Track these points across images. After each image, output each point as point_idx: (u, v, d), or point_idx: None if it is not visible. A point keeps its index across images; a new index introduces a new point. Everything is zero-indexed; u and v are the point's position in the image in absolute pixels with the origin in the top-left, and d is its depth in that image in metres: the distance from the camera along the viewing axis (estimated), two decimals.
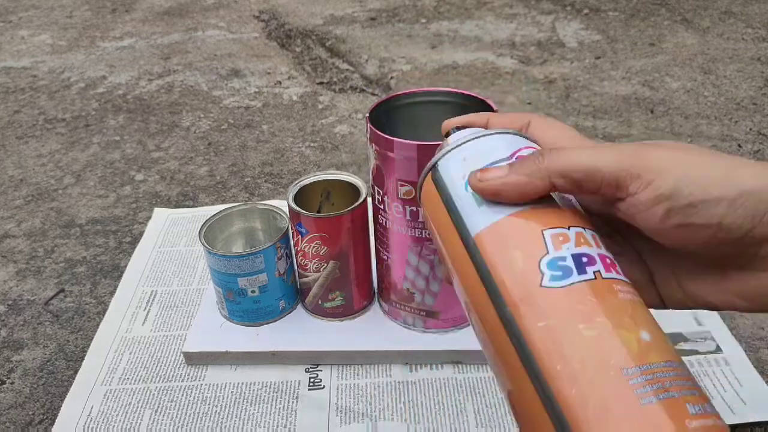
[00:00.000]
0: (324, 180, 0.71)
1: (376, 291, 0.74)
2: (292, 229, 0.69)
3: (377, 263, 0.70)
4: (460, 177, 0.37)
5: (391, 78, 1.46)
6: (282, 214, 0.72)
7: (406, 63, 1.54)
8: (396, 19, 1.84)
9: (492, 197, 0.35)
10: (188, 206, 1.02)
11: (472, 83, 1.41)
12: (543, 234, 0.33)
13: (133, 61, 1.61)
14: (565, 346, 0.29)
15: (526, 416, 0.30)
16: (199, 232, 0.70)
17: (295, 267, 0.72)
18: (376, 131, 0.59)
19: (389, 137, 0.58)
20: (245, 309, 0.71)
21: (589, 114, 1.26)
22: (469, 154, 0.37)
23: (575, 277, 0.31)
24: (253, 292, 0.69)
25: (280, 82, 1.46)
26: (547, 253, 0.32)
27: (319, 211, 0.71)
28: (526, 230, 0.33)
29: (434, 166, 0.38)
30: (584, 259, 0.32)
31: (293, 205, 0.67)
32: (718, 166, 0.32)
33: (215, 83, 1.47)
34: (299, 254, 0.69)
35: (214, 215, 0.73)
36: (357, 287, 0.71)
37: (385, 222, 0.64)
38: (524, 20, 1.78)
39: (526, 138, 0.39)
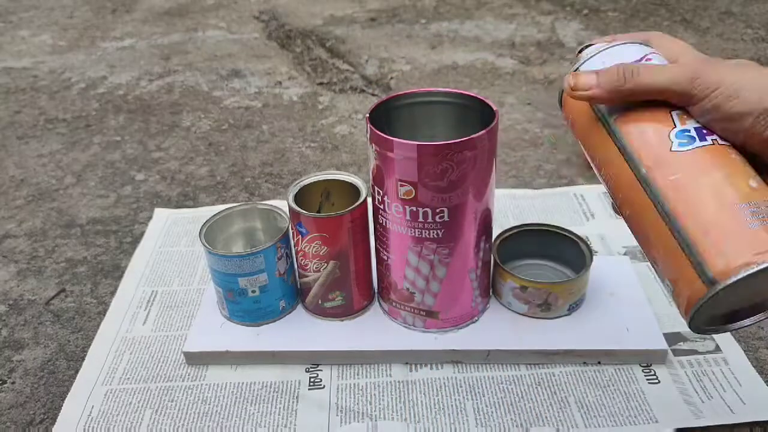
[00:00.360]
0: (324, 180, 0.71)
1: (376, 291, 0.75)
2: (292, 229, 0.69)
3: (377, 263, 0.71)
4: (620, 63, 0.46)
5: (391, 78, 1.46)
6: (282, 214, 0.73)
7: (406, 63, 1.54)
8: (396, 19, 1.84)
9: (588, 101, 0.47)
10: (188, 206, 1.02)
11: (471, 83, 1.41)
12: (671, 113, 0.44)
13: (134, 62, 1.62)
14: (690, 191, 0.40)
15: (663, 254, 0.42)
16: (200, 232, 0.70)
17: (296, 267, 0.72)
18: (376, 131, 0.59)
19: (389, 137, 0.59)
20: (245, 309, 0.71)
21: None
22: (607, 60, 0.47)
23: (698, 143, 0.42)
24: (253, 292, 0.69)
25: (280, 83, 1.47)
26: (675, 126, 0.43)
27: (319, 211, 0.72)
28: (656, 111, 0.44)
29: (577, 70, 0.49)
30: (704, 131, 0.42)
31: (293, 205, 0.67)
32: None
33: (215, 83, 1.47)
34: (299, 254, 0.69)
35: (215, 215, 0.73)
36: (357, 287, 0.71)
37: (385, 222, 0.64)
38: (524, 20, 1.78)
39: (651, 47, 0.48)
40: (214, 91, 1.44)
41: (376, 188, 0.63)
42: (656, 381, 0.66)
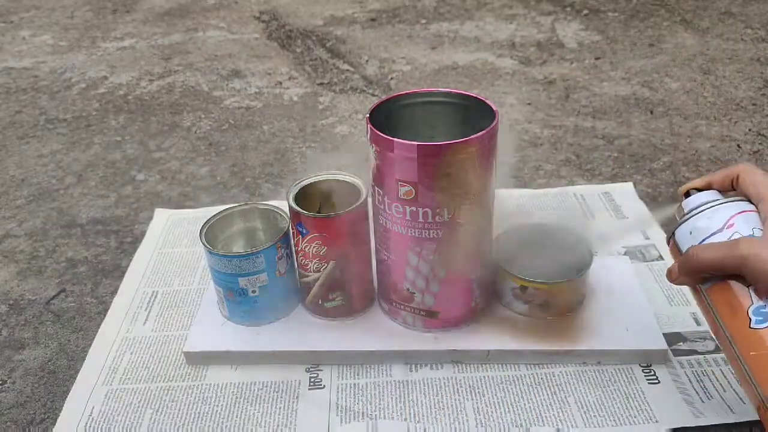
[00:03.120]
0: (324, 180, 0.71)
1: (376, 291, 0.75)
2: (292, 229, 0.69)
3: (377, 263, 0.71)
4: (689, 247, 0.53)
5: (392, 78, 1.46)
6: (282, 214, 0.73)
7: (407, 64, 1.54)
8: (396, 19, 1.84)
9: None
10: (189, 206, 1.02)
11: (471, 84, 1.42)
12: (749, 289, 0.48)
13: (134, 62, 1.62)
14: (764, 368, 0.46)
15: (749, 395, 0.49)
16: (200, 232, 0.70)
17: (296, 267, 0.72)
18: (376, 131, 0.60)
19: (389, 137, 0.59)
20: (245, 309, 0.71)
21: (588, 114, 1.27)
22: (695, 228, 0.53)
23: None
24: (253, 292, 0.69)
25: (280, 83, 1.47)
26: (752, 303, 0.48)
27: (319, 211, 0.72)
28: (737, 287, 0.49)
29: (673, 234, 0.56)
30: None
31: (293, 205, 0.67)
32: None
33: (216, 84, 1.48)
34: (299, 254, 0.69)
35: (215, 215, 0.73)
36: (357, 287, 0.71)
37: (385, 222, 0.64)
38: (524, 21, 1.78)
39: (737, 201, 0.53)
40: (215, 91, 1.44)
41: (376, 188, 0.64)
42: (656, 381, 0.66)
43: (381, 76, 1.48)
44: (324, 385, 0.67)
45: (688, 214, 0.54)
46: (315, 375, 0.69)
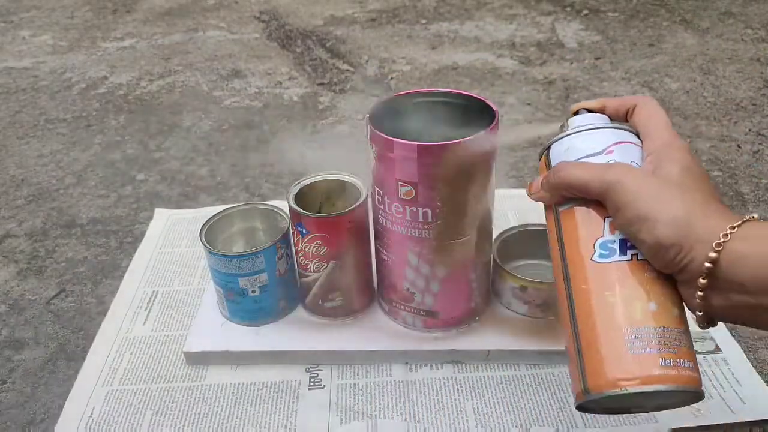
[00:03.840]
0: (324, 180, 0.71)
1: (376, 291, 0.75)
2: (292, 229, 0.69)
3: (377, 263, 0.71)
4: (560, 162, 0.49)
5: (392, 78, 1.46)
6: (282, 214, 0.73)
7: (407, 63, 1.54)
8: (396, 20, 1.84)
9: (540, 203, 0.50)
10: (189, 206, 1.02)
11: (472, 84, 1.42)
12: (604, 220, 0.45)
13: (134, 62, 1.62)
14: (593, 305, 0.43)
15: (566, 345, 0.45)
16: (200, 232, 0.70)
17: (296, 267, 0.72)
18: (376, 131, 0.60)
19: (389, 137, 0.59)
20: (245, 309, 0.71)
21: None
22: (572, 145, 0.49)
23: (616, 257, 0.43)
24: (253, 292, 0.69)
25: (280, 83, 1.47)
26: (602, 235, 0.44)
27: (319, 211, 0.72)
28: (593, 215, 0.45)
29: (548, 147, 0.52)
30: (628, 243, 0.43)
31: (293, 205, 0.67)
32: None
33: (216, 84, 1.48)
34: (300, 254, 0.69)
35: (215, 215, 0.73)
36: (357, 287, 0.71)
37: (385, 222, 0.64)
38: (524, 21, 1.78)
39: (624, 130, 0.49)
40: (215, 91, 1.44)
41: (376, 188, 0.63)
42: None
43: (381, 76, 1.48)
44: (324, 385, 0.67)
45: (570, 131, 0.51)
46: (315, 375, 0.69)
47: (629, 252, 0.43)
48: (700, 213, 0.41)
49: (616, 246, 0.43)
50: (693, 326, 0.72)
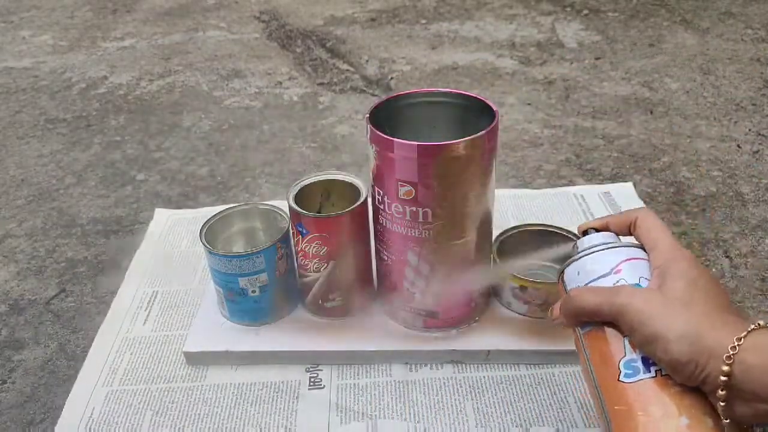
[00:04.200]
0: (324, 180, 0.71)
1: (376, 291, 0.75)
2: (292, 229, 0.69)
3: (377, 263, 0.71)
4: (575, 287, 0.51)
5: (392, 78, 1.46)
6: (282, 214, 0.73)
7: (407, 63, 1.54)
8: (396, 19, 1.84)
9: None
10: (189, 206, 1.02)
11: (472, 84, 1.42)
12: (624, 340, 0.46)
13: (134, 62, 1.62)
14: (629, 426, 0.43)
15: None
16: (200, 232, 0.70)
17: (296, 267, 0.72)
18: (376, 131, 0.60)
19: (389, 137, 0.59)
20: (245, 309, 0.71)
21: (588, 114, 1.27)
22: (582, 269, 0.51)
23: (641, 375, 0.44)
24: (253, 292, 0.69)
25: (280, 83, 1.47)
26: (624, 354, 0.45)
27: (319, 211, 0.72)
28: (613, 335, 0.47)
29: (562, 271, 0.54)
30: (650, 360, 0.44)
31: (293, 205, 0.67)
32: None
33: (216, 83, 1.48)
34: (300, 254, 0.69)
35: (215, 215, 0.73)
36: (357, 287, 0.71)
37: (385, 222, 0.64)
38: (524, 21, 1.78)
39: (629, 246, 0.51)
40: (215, 91, 1.44)
41: (376, 188, 0.64)
42: None
43: (381, 76, 1.48)
44: (324, 385, 0.67)
45: (579, 253, 0.53)
46: (315, 375, 0.69)
47: (653, 368, 0.44)
48: (708, 326, 0.41)
49: (639, 364, 0.44)
50: None
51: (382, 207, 0.64)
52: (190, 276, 0.85)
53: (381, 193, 0.63)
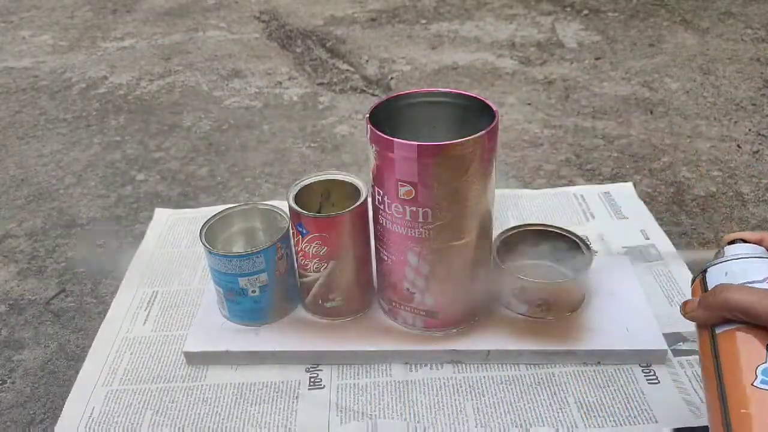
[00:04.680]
0: (324, 180, 0.71)
1: (376, 291, 0.75)
2: (292, 229, 0.69)
3: (377, 263, 0.71)
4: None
5: (392, 78, 1.46)
6: (282, 214, 0.73)
7: (407, 63, 1.54)
8: (396, 19, 1.84)
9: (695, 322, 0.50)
10: (189, 206, 1.02)
11: (472, 84, 1.42)
12: (766, 347, 0.45)
13: (134, 62, 1.62)
14: (753, 429, 0.42)
15: None
16: (200, 233, 0.70)
17: (296, 267, 0.72)
18: (376, 131, 0.60)
19: (389, 137, 0.59)
20: (245, 309, 0.71)
21: (588, 114, 1.27)
22: (731, 271, 0.50)
23: None
24: (253, 291, 0.69)
25: (280, 83, 1.47)
26: (765, 362, 0.44)
27: (319, 211, 0.72)
28: (755, 340, 0.45)
29: (705, 270, 0.52)
30: None
31: (293, 205, 0.67)
32: None
33: (216, 84, 1.48)
34: (299, 254, 0.69)
35: (215, 215, 0.73)
36: (357, 287, 0.71)
37: (385, 222, 0.64)
38: (524, 21, 1.78)
39: None
40: (215, 91, 1.44)
41: (376, 188, 0.64)
42: (656, 381, 0.66)
43: (381, 76, 1.48)
44: (324, 385, 0.68)
45: (728, 257, 0.51)
46: (315, 375, 0.69)
47: None
48: None
49: None
50: (690, 326, 0.71)
51: (382, 207, 0.64)
52: (190, 276, 0.85)
53: (381, 193, 0.63)
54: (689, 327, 0.72)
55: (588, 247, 0.73)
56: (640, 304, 0.72)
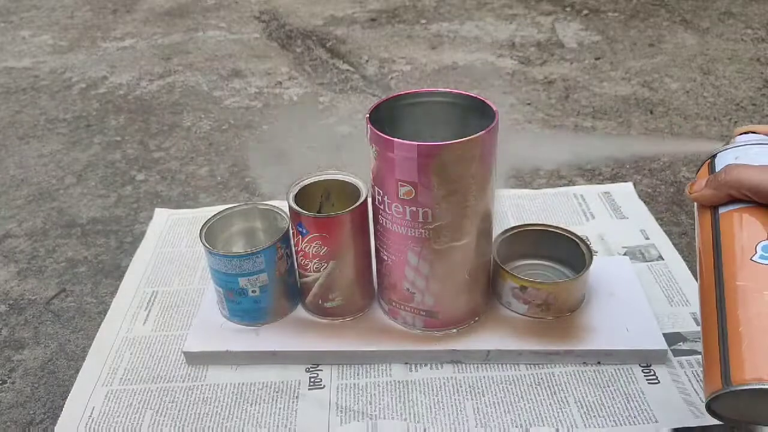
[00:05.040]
0: (324, 180, 0.71)
1: (376, 291, 0.75)
2: (292, 229, 0.69)
3: (377, 263, 0.71)
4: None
5: (392, 78, 1.46)
6: (282, 214, 0.73)
7: (407, 63, 1.54)
8: (396, 19, 1.84)
9: (700, 203, 0.51)
10: (189, 206, 1.02)
11: (472, 84, 1.42)
12: None
13: (134, 62, 1.62)
14: (748, 302, 0.43)
15: (705, 340, 0.46)
16: (200, 232, 0.70)
17: (296, 267, 0.72)
18: (376, 131, 0.60)
19: (389, 137, 0.59)
20: (245, 309, 0.71)
21: (588, 114, 1.27)
22: (740, 155, 0.50)
23: None
24: (253, 291, 0.69)
25: (280, 83, 1.47)
26: (766, 239, 0.45)
27: (319, 211, 0.72)
28: (758, 219, 0.46)
29: (714, 155, 0.52)
30: None
31: (293, 205, 0.67)
32: None
33: (216, 84, 1.48)
34: (300, 254, 0.69)
35: (215, 215, 0.73)
36: (357, 287, 0.71)
37: (385, 222, 0.64)
38: (524, 21, 1.78)
39: None
40: (215, 91, 1.44)
41: (376, 188, 0.64)
42: (656, 381, 0.66)
43: (381, 76, 1.48)
44: (324, 385, 0.68)
45: (739, 143, 0.52)
46: (315, 375, 0.69)
47: None
48: None
49: None
50: (690, 326, 0.71)
51: (382, 207, 0.64)
52: (190, 276, 0.85)
53: (381, 193, 0.63)
54: (689, 327, 0.73)
55: (588, 247, 0.73)
56: (640, 304, 0.72)
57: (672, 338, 0.70)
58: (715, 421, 0.60)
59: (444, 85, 1.42)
